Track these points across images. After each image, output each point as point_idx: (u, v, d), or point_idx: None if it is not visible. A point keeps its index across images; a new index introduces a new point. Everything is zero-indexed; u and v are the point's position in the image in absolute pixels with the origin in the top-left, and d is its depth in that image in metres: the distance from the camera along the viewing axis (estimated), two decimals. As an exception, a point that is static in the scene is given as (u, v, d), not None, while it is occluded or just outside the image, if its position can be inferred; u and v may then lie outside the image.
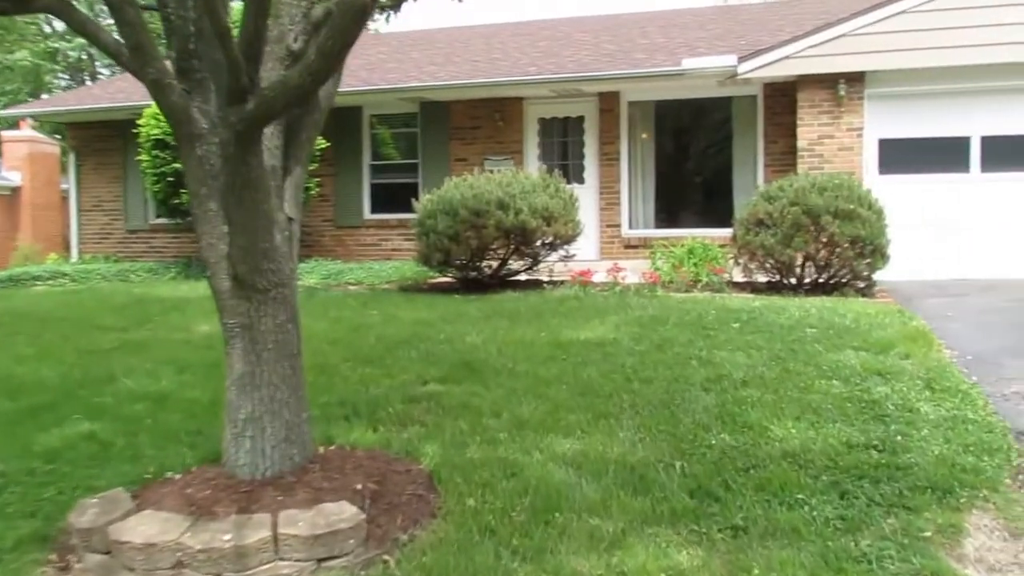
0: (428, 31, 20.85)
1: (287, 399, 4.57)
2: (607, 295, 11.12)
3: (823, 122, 13.63)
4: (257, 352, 4.45)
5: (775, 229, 11.08)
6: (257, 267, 4.29)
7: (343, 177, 16.73)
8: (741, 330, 8.51)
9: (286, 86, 3.79)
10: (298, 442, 4.64)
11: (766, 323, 8.80)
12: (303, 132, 4.76)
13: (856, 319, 9.01)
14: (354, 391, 6.70)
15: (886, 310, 9.72)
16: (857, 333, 8.28)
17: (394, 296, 12.09)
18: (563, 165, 15.76)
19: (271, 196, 4.26)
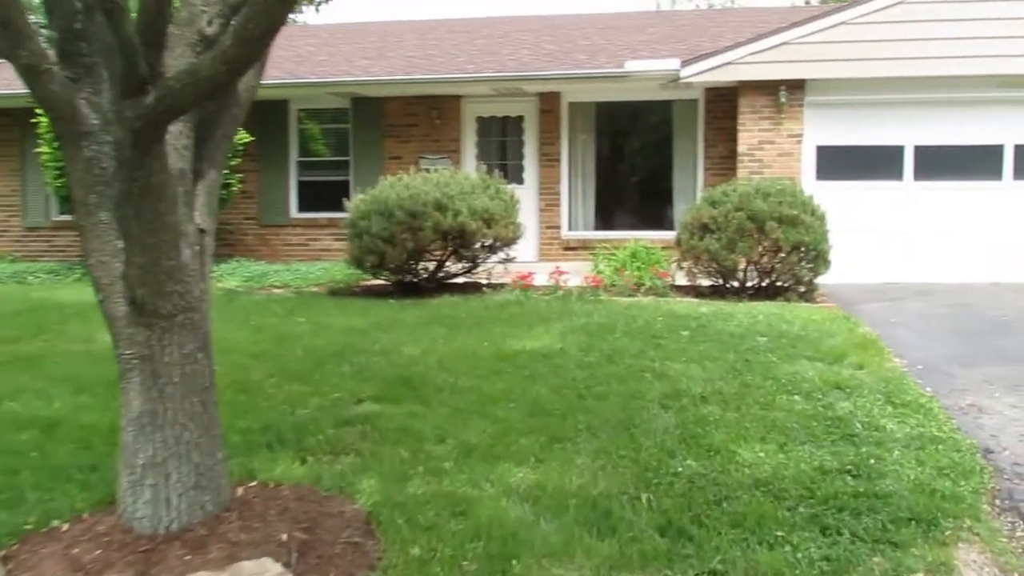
0: (360, 24, 20.14)
1: (197, 440, 3.87)
2: (550, 300, 10.64)
3: (764, 128, 13.34)
4: (160, 387, 3.76)
5: (720, 234, 10.71)
6: (160, 289, 3.60)
7: (268, 173, 15.98)
8: (692, 339, 8.09)
9: (196, 76, 3.13)
10: (211, 487, 3.94)
11: (716, 331, 8.39)
12: (219, 130, 4.05)
13: (804, 326, 8.69)
14: (279, 413, 6.05)
15: (831, 316, 9.43)
16: (808, 342, 7.93)
17: (324, 301, 11.45)
18: (502, 165, 15.23)
19: (178, 205, 3.57)
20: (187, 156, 3.80)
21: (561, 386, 6.56)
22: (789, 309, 9.83)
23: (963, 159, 13.07)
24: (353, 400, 6.42)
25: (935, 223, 13.05)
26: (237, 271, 14.12)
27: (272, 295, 12.10)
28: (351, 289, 12.50)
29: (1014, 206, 12.86)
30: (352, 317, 9.94)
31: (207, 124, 3.96)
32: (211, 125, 3.97)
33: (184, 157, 3.77)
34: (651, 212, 15.31)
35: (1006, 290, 11.83)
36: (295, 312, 10.42)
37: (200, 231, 3.93)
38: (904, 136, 13.15)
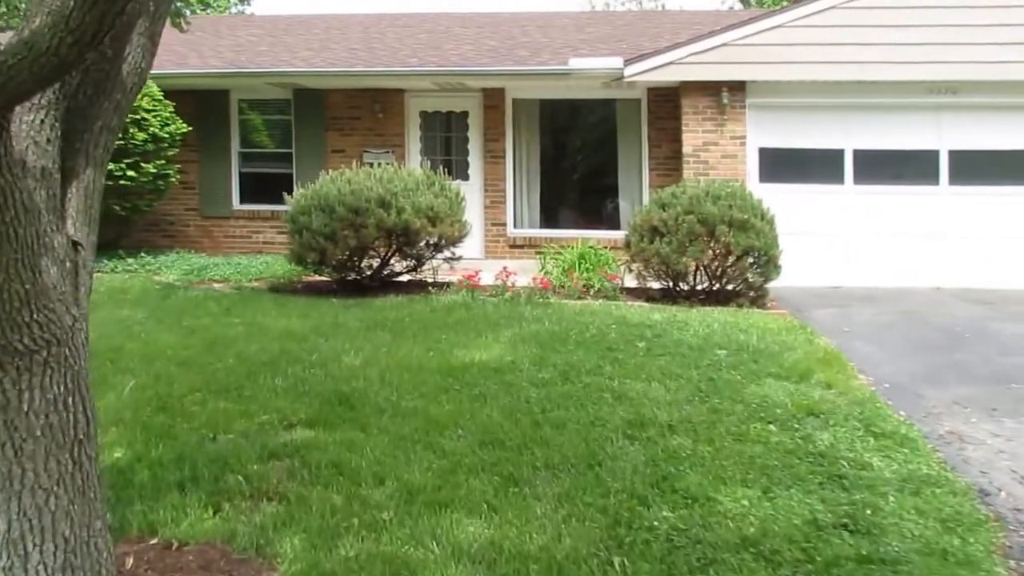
0: (304, 16, 18.94)
1: (67, 507, 2.83)
2: (497, 302, 9.71)
3: (707, 129, 12.57)
4: (16, 444, 2.74)
5: (670, 237, 9.87)
6: (14, 319, 2.57)
7: (209, 164, 14.80)
8: (649, 351, 7.23)
9: (34, 51, 2.17)
10: (86, 566, 2.91)
11: (673, 342, 7.55)
12: (97, 120, 2.99)
13: (762, 337, 7.91)
14: (199, 440, 5.05)
15: (787, 325, 8.68)
16: (769, 356, 7.14)
17: (263, 298, 10.38)
18: (447, 161, 14.27)
19: (35, 213, 2.53)
20: (51, 152, 2.76)
21: (514, 409, 5.64)
22: (743, 316, 9.05)
23: (901, 164, 12.48)
24: (284, 423, 5.44)
25: (876, 227, 12.43)
26: (177, 264, 12.98)
27: (210, 291, 10.99)
28: (292, 286, 11.45)
29: (951, 212, 12.26)
30: (291, 318, 8.92)
31: (82, 114, 2.93)
32: (87, 115, 2.94)
33: (47, 153, 2.73)
34: (597, 212, 14.47)
35: (948, 296, 11.20)
36: (232, 311, 9.38)
37: (74, 244, 2.90)
38: (844, 140, 12.51)
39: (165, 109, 13.29)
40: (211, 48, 14.98)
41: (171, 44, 15.59)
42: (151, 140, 12.92)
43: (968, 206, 12.20)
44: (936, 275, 12.07)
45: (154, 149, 13.05)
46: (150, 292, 10.82)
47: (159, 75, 13.40)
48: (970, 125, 12.12)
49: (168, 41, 15.52)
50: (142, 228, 14.90)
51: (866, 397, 6.02)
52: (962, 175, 12.20)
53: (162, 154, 13.26)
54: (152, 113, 13.01)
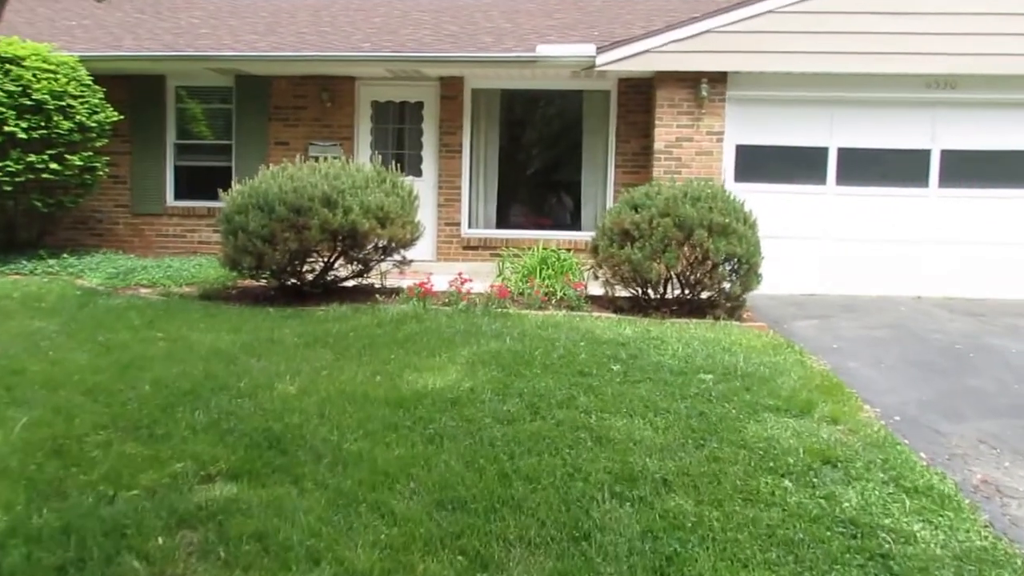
0: (250, -1, 17.91)
1: None
2: (452, 313, 8.87)
3: (682, 123, 11.82)
4: None
5: (643, 242, 9.10)
6: None
7: (142, 156, 13.75)
8: (626, 376, 6.43)
9: None
10: None
11: (652, 365, 6.76)
12: None
13: (748, 357, 7.19)
14: (93, 501, 4.14)
15: (771, 343, 7.98)
16: (760, 382, 6.41)
17: (193, 307, 9.43)
18: (399, 155, 13.36)
19: None
20: None
21: (477, 454, 4.82)
22: (722, 332, 8.32)
23: (888, 164, 11.81)
24: (201, 474, 4.56)
25: (857, 232, 11.85)
26: (102, 266, 11.94)
27: (136, 297, 10.00)
28: (226, 292, 10.50)
29: (939, 216, 11.68)
30: (221, 333, 8.00)
31: None
32: None
33: None
34: (558, 211, 13.65)
35: (931, 306, 10.60)
36: (155, 323, 8.42)
37: None
38: (828, 137, 11.86)
39: (94, 95, 12.23)
40: (149, 30, 13.91)
41: (108, 25, 14.54)
42: (77, 129, 11.86)
43: (957, 210, 11.63)
44: (916, 283, 11.53)
45: (81, 139, 11.99)
46: (68, 299, 9.81)
47: (88, 57, 12.40)
48: (966, 123, 11.50)
49: (104, 22, 14.47)
50: (68, 226, 13.82)
51: (882, 437, 5.29)
52: (953, 177, 11.61)
53: (89, 145, 12.20)
54: (79, 100, 11.94)
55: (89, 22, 14.77)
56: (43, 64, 11.61)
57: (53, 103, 11.50)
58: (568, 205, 13.56)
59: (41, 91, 11.38)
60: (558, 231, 13.07)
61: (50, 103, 11.46)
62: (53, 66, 11.70)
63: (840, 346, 8.21)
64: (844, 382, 6.64)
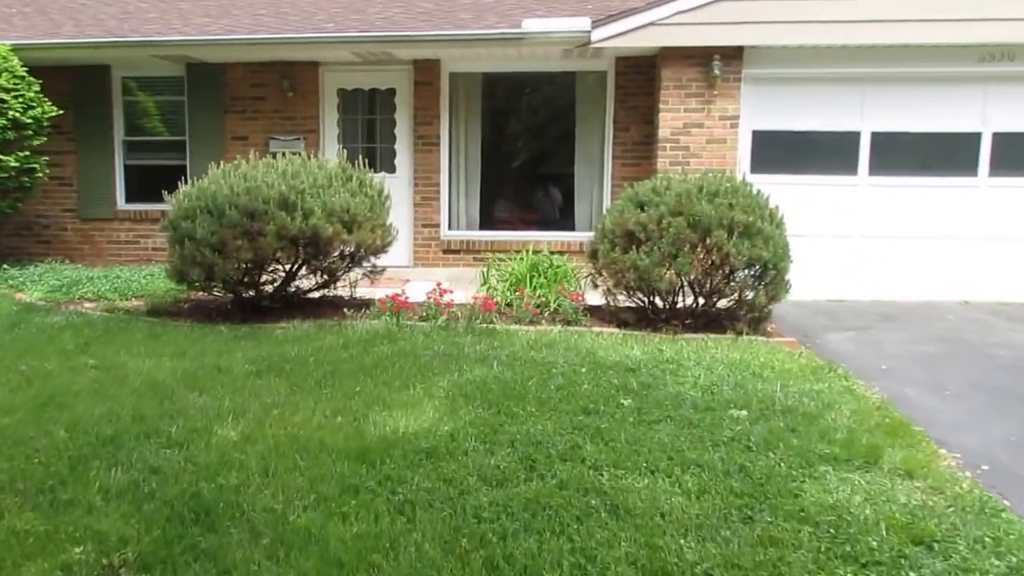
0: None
1: None
2: (430, 330, 7.83)
3: (691, 107, 10.79)
4: None
5: (651, 245, 8.07)
6: None
7: (88, 155, 12.65)
8: (640, 414, 5.39)
9: None
10: None
11: (670, 398, 5.73)
12: None
13: (784, 384, 6.19)
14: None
15: (809, 364, 6.97)
16: (807, 419, 5.39)
17: (137, 325, 8.35)
18: (370, 149, 12.33)
19: None
20: None
21: (458, 532, 3.78)
22: (747, 351, 7.30)
23: (931, 150, 10.74)
24: (103, 564, 3.53)
25: (893, 228, 10.84)
26: (45, 277, 10.89)
27: (76, 314, 8.94)
28: (178, 306, 9.43)
29: (989, 209, 10.65)
30: (163, 358, 6.96)
31: None
32: None
33: None
34: (548, 210, 12.61)
35: (986, 313, 9.61)
36: (90, 347, 7.40)
37: None
38: (860, 120, 10.80)
39: (29, 89, 11.13)
40: (92, 16, 12.80)
41: (50, 12, 13.42)
42: (11, 127, 10.77)
43: (1010, 202, 10.59)
44: (962, 286, 10.52)
45: (15, 138, 10.90)
46: (0, 318, 8.77)
47: (23, 46, 11.34)
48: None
49: (47, 8, 13.29)
50: (10, 232, 12.76)
51: (976, 498, 4.24)
52: (1007, 164, 10.55)
53: (26, 144, 11.09)
54: (12, 94, 10.84)
55: (30, 9, 13.65)
56: (-34, 55, 10.52)
57: (-20, 99, 10.41)
58: (560, 202, 12.54)
59: (-36, 84, 10.30)
60: (549, 231, 12.05)
61: (-25, 98, 10.38)
62: (-21, 56, 10.60)
63: (890, 367, 7.19)
64: (907, 417, 5.61)
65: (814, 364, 6.96)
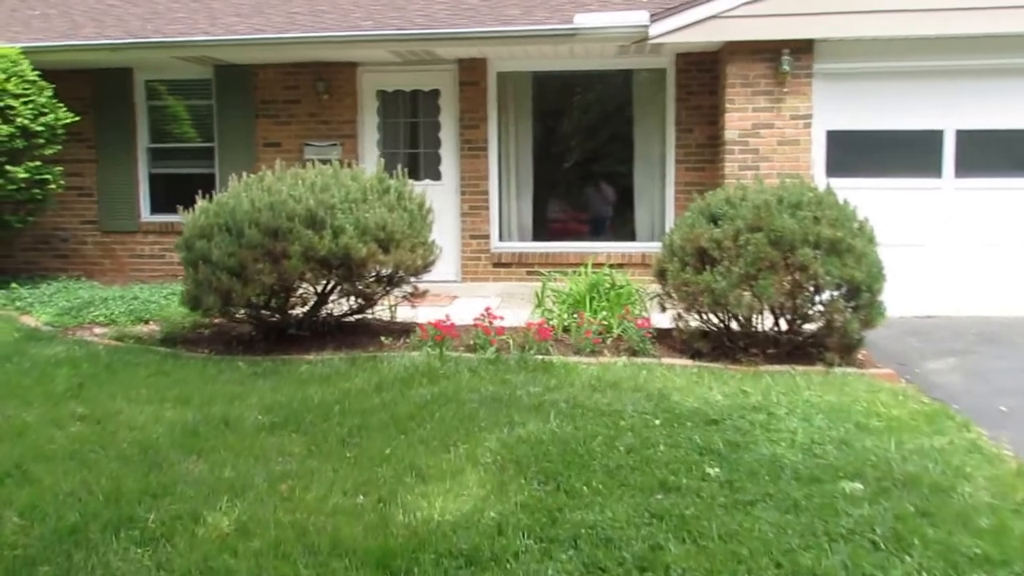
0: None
1: None
2: (477, 366, 6.83)
3: (759, 106, 9.74)
4: None
5: (727, 265, 7.02)
6: None
7: (110, 164, 11.86)
8: (731, 489, 4.33)
9: None
10: None
11: (764, 464, 4.67)
12: None
13: (897, 439, 5.16)
14: None
15: (922, 410, 5.92)
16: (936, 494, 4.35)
17: (145, 359, 7.47)
18: (412, 155, 11.41)
19: None
20: None
21: None
22: (845, 390, 6.24)
23: (1023, 149, 9.62)
24: None
25: (983, 235, 9.74)
26: (57, 298, 10.13)
27: (81, 343, 8.14)
28: (197, 332, 8.56)
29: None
30: (164, 405, 6.07)
31: None
32: None
33: None
34: (605, 219, 11.60)
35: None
36: (84, 389, 6.53)
37: None
38: (943, 118, 9.70)
39: (41, 94, 10.35)
40: (116, 17, 12.02)
41: (73, 13, 12.66)
42: (20, 135, 10.00)
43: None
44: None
45: (25, 147, 10.12)
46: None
47: (37, 48, 10.60)
48: None
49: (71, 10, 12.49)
50: (27, 246, 12.05)
51: None
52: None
53: (37, 153, 10.32)
54: (21, 99, 10.07)
55: (55, 11, 12.91)
56: (-25, 58, 9.76)
57: (-16, 105, 9.65)
58: (613, 199, 11.53)
59: (-30, 90, 9.53)
60: (607, 242, 11.05)
61: (-17, 104, 9.61)
62: (-12, 60, 9.84)
63: (1011, 408, 6.09)
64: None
65: (925, 409, 5.86)
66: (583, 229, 11.59)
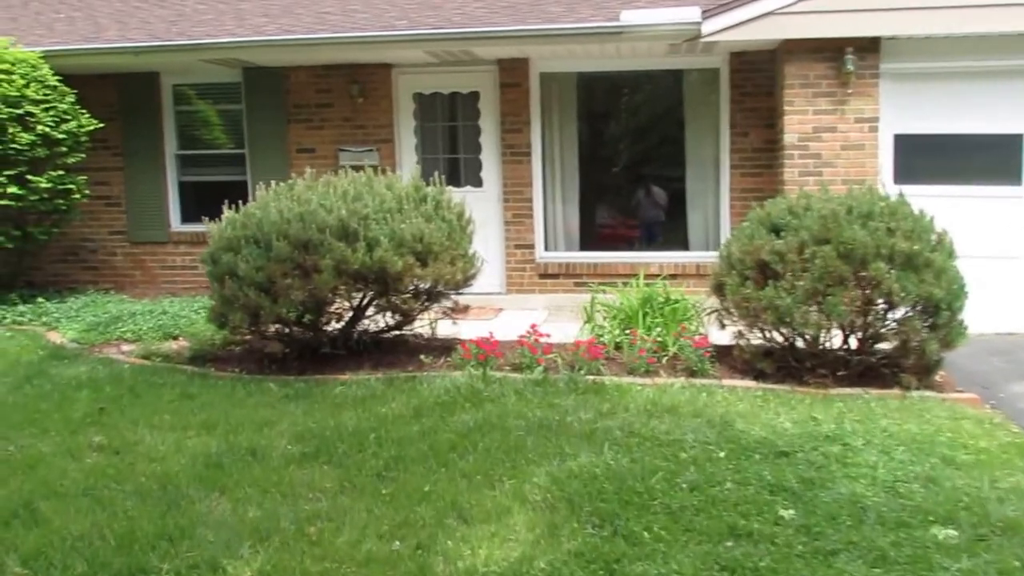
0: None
1: None
2: (523, 388, 6.51)
3: (821, 108, 9.34)
4: None
5: (791, 280, 6.64)
6: None
7: (138, 172, 11.70)
8: (809, 536, 3.96)
9: None
10: None
11: (844, 504, 4.28)
12: None
13: (989, 475, 4.79)
14: None
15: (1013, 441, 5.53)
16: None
17: (172, 380, 7.22)
18: (452, 160, 11.13)
19: None
20: None
21: None
22: (925, 418, 5.85)
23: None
24: None
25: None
26: (84, 312, 9.98)
27: (105, 362, 7.93)
28: (227, 350, 8.27)
29: None
30: (187, 433, 5.82)
31: None
32: None
33: None
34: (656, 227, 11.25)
35: None
36: (104, 415, 6.32)
37: None
38: (1022, 121, 9.17)
39: (63, 100, 10.19)
40: (142, 19, 11.87)
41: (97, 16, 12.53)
42: (41, 143, 9.83)
43: None
44: None
45: (47, 155, 9.96)
46: (19, 367, 7.88)
47: (54, 53, 10.41)
48: None
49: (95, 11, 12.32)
50: (56, 258, 11.92)
51: None
52: None
53: (60, 162, 10.16)
54: (42, 105, 9.91)
55: (80, 14, 12.79)
56: (-10, 63, 9.61)
57: (7, 111, 9.51)
58: (664, 203, 11.19)
59: (-11, 96, 9.39)
60: (659, 252, 10.72)
61: (2, 111, 9.47)
62: (7, 65, 9.70)
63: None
64: None
65: (1017, 440, 5.46)
66: (633, 237, 11.24)
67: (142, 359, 8.09)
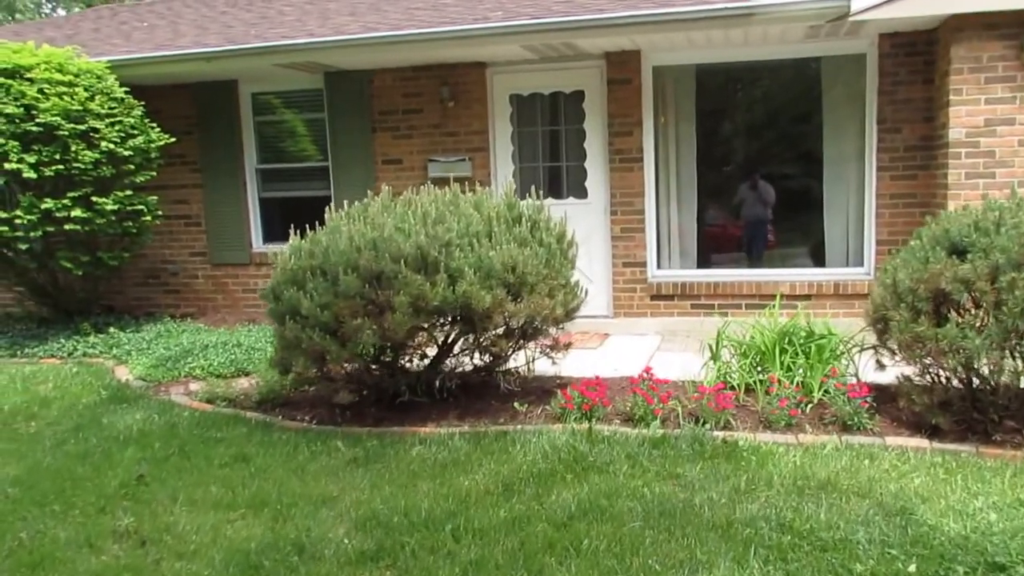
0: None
1: None
2: (637, 450, 5.30)
3: (994, 97, 7.83)
4: None
5: (978, 316, 5.25)
6: None
7: (217, 189, 10.86)
8: None
9: None
10: None
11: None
12: None
13: None
14: None
15: None
16: None
17: (229, 435, 6.23)
18: (553, 169, 9.94)
19: None
20: None
21: None
22: None
23: None
24: None
25: None
26: (156, 343, 9.22)
27: (163, 408, 7.06)
28: (299, 392, 7.26)
29: None
30: (232, 515, 4.81)
31: None
32: None
33: None
34: (757, 209, 9.85)
35: None
36: (142, 485, 5.32)
37: None
38: None
39: (129, 113, 9.36)
40: (224, 24, 11.05)
41: (178, 23, 11.80)
42: (106, 161, 9.02)
43: None
44: None
45: (113, 174, 9.13)
46: (74, 411, 7.16)
47: (120, 62, 9.60)
48: None
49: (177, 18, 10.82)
50: (139, 281, 11.22)
51: None
52: None
53: (127, 180, 9.33)
54: (107, 120, 9.10)
55: (163, 22, 12.06)
56: (56, 75, 8.83)
57: (69, 127, 8.70)
58: (772, 200, 9.78)
59: (50, 111, 8.58)
60: (791, 269, 9.30)
61: (64, 127, 8.68)
62: (70, 77, 8.90)
63: None
64: None
65: None
66: (761, 253, 9.88)
67: (206, 403, 7.17)
